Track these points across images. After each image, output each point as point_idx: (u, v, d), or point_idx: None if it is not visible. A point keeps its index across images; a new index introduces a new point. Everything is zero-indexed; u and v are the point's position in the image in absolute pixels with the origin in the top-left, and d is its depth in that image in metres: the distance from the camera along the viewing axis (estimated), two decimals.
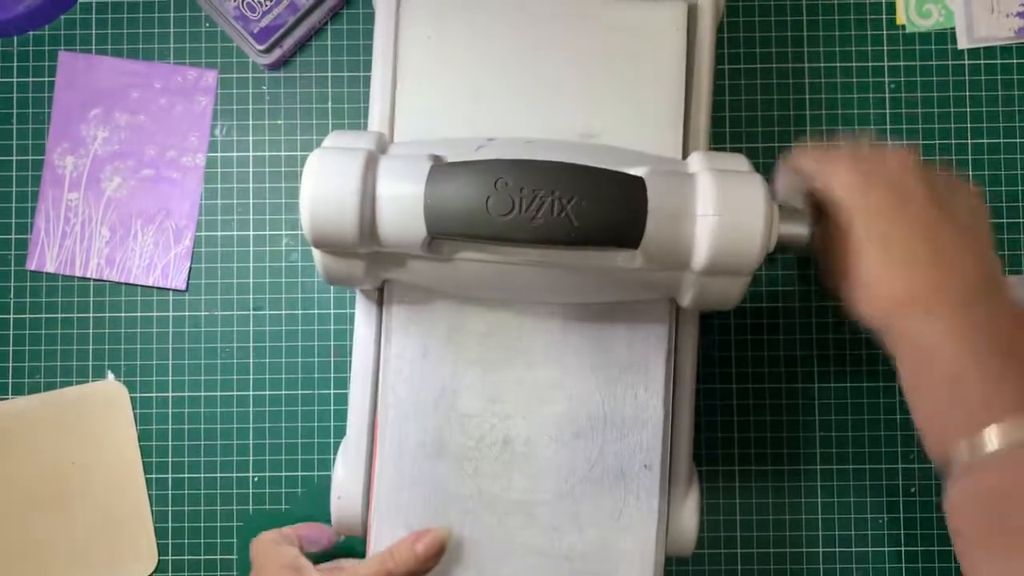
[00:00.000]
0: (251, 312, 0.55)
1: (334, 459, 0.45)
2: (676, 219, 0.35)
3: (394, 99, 0.42)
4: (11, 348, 0.55)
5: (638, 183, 0.34)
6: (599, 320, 0.41)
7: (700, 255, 0.35)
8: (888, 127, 0.55)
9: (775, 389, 0.54)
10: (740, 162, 0.38)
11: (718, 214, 0.35)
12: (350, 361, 0.43)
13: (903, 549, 0.54)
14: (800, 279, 0.55)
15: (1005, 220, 0.54)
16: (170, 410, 0.55)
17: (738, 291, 0.37)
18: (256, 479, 0.55)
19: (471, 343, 0.41)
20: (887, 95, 0.55)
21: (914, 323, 0.39)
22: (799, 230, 0.40)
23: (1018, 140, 0.54)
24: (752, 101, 0.55)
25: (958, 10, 0.54)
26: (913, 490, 0.54)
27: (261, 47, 0.54)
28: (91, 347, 0.55)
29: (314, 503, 0.55)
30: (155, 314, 0.55)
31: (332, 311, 0.55)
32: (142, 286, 0.55)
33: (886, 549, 0.54)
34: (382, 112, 0.42)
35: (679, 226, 0.35)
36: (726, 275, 0.36)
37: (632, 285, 0.38)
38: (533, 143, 0.39)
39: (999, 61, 0.55)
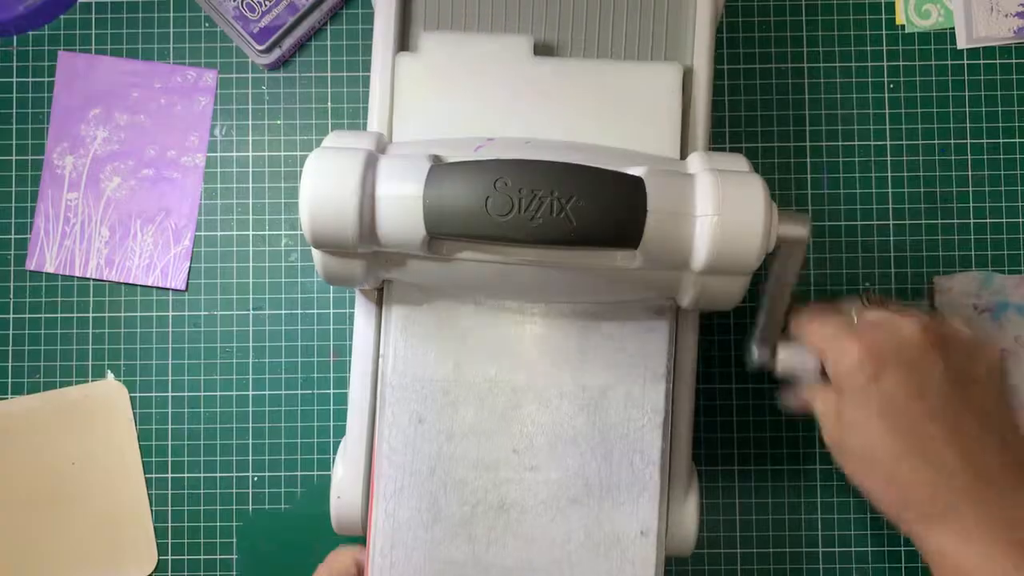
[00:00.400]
0: (251, 312, 0.55)
1: (334, 459, 0.45)
2: (675, 219, 0.35)
3: (393, 99, 0.42)
4: (11, 348, 0.55)
5: (637, 183, 0.35)
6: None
7: (699, 255, 0.35)
8: (887, 127, 0.55)
9: (775, 389, 0.54)
10: (739, 162, 0.38)
11: (718, 214, 0.35)
12: (350, 361, 0.43)
13: (903, 549, 0.54)
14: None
15: (1005, 220, 0.54)
16: (170, 410, 0.55)
17: (738, 291, 0.37)
18: (256, 479, 0.55)
19: (467, 402, 0.41)
20: (886, 95, 0.55)
21: (942, 538, 0.37)
22: (799, 231, 0.40)
23: (1018, 140, 0.55)
24: (752, 101, 0.55)
25: (957, 10, 0.54)
26: None
27: (261, 47, 0.54)
28: (91, 347, 0.55)
29: (314, 503, 0.55)
30: (155, 314, 0.55)
31: (332, 311, 0.55)
32: (142, 286, 0.55)
33: (886, 549, 0.54)
34: (381, 112, 0.42)
35: (678, 226, 0.35)
36: (726, 275, 0.36)
37: (631, 285, 0.38)
38: (532, 143, 0.39)
39: (998, 61, 0.55)
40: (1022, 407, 0.53)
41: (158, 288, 0.55)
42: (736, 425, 0.54)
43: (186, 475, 0.55)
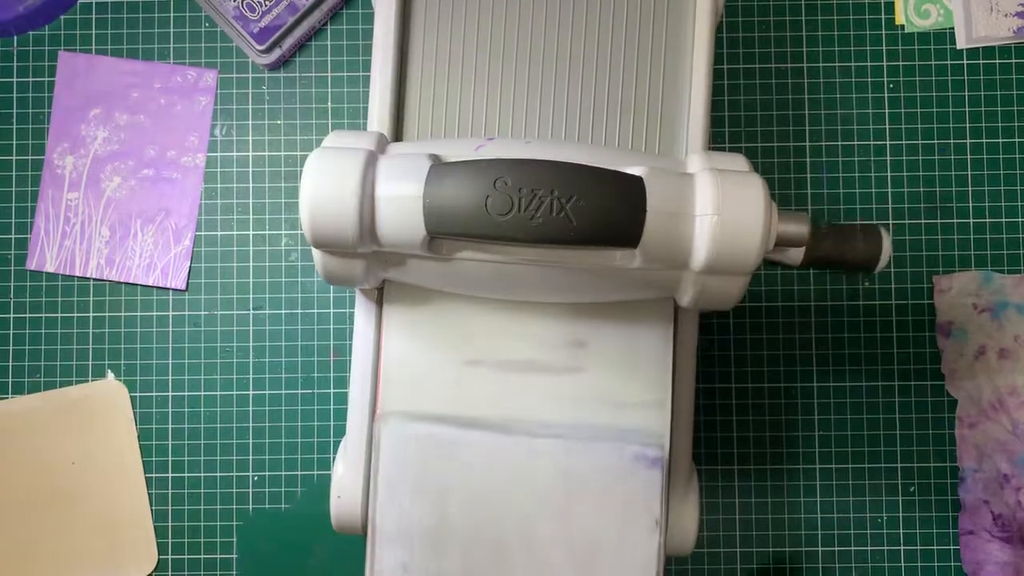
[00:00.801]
0: (251, 312, 0.55)
1: (334, 459, 0.45)
2: (675, 218, 0.35)
3: (394, 99, 0.42)
4: (11, 348, 0.55)
5: (637, 182, 0.35)
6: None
7: (699, 254, 0.35)
8: (887, 127, 0.55)
9: (775, 389, 0.55)
10: (739, 162, 0.38)
11: (717, 213, 0.35)
12: (350, 361, 0.44)
13: (903, 549, 0.54)
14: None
15: (1005, 220, 0.54)
16: (170, 410, 0.55)
17: (738, 290, 0.37)
18: (256, 479, 0.55)
19: (453, 551, 0.40)
20: (886, 95, 0.55)
21: None
22: (799, 230, 0.40)
23: (1017, 140, 0.55)
24: (752, 101, 0.55)
25: (957, 10, 0.54)
26: (913, 490, 0.54)
27: (261, 47, 0.54)
28: (91, 347, 0.55)
29: (314, 503, 0.55)
30: (155, 314, 0.55)
31: (332, 311, 0.55)
32: (142, 286, 0.55)
33: (886, 549, 0.54)
34: (381, 112, 0.42)
35: (678, 225, 0.35)
36: (725, 274, 0.36)
37: (631, 284, 0.38)
38: (532, 143, 0.39)
39: (998, 61, 0.55)
40: (1022, 407, 0.53)
41: (158, 288, 0.55)
42: (736, 425, 0.54)
43: (186, 475, 0.55)
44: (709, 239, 0.35)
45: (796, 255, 0.40)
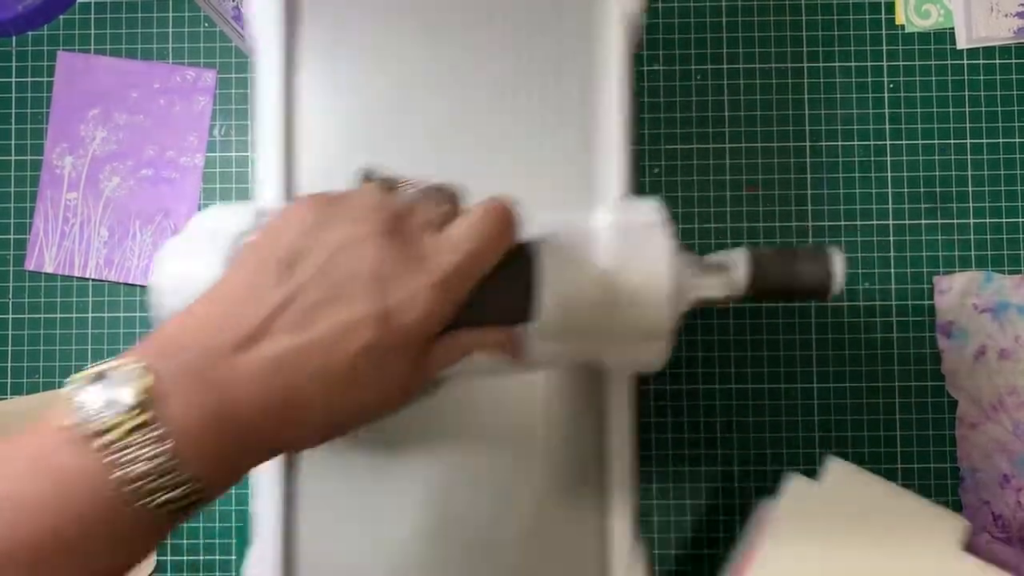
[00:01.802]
0: None
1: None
2: (573, 286, 0.31)
3: (283, 159, 0.38)
4: (10, 348, 0.55)
5: (527, 251, 0.31)
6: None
7: (604, 322, 0.31)
8: (887, 127, 0.55)
9: (775, 389, 0.54)
10: (650, 212, 0.33)
11: (620, 273, 0.31)
12: None
13: None
14: None
15: (1005, 220, 0.54)
16: None
17: (658, 354, 0.33)
18: None
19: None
20: (886, 95, 0.55)
21: None
22: (724, 281, 0.34)
23: (1017, 140, 0.54)
24: (752, 101, 0.55)
25: (957, 10, 0.54)
26: (913, 489, 0.54)
27: None
28: (90, 347, 0.55)
29: None
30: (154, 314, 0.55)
31: None
32: (141, 286, 0.55)
33: None
34: (268, 173, 0.38)
35: (577, 293, 0.31)
36: (640, 341, 0.32)
37: (548, 356, 0.33)
38: None
39: (998, 61, 0.55)
40: (1022, 407, 0.53)
41: None
42: (736, 425, 0.54)
43: None
44: (613, 305, 0.31)
45: (737, 288, 0.35)
